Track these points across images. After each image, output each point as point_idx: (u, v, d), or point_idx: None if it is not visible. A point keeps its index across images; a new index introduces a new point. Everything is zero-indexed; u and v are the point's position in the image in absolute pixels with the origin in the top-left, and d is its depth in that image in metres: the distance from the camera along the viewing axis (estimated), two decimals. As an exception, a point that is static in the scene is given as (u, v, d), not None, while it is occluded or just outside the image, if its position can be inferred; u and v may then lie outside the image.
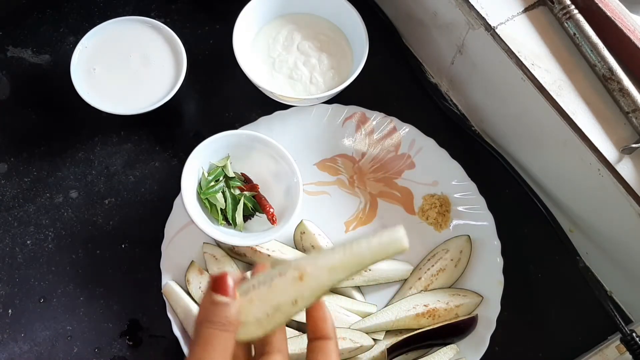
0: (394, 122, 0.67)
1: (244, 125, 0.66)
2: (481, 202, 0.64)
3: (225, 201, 0.61)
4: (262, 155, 0.63)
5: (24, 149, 0.68)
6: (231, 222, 0.61)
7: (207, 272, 0.61)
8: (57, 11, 0.75)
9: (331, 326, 0.41)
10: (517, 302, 0.62)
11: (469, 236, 0.63)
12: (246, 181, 0.64)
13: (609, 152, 0.52)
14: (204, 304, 0.38)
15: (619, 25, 0.54)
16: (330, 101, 0.67)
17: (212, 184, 0.61)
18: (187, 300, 0.59)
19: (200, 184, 0.62)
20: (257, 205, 0.62)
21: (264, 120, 0.67)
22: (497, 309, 0.60)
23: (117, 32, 0.67)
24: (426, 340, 0.59)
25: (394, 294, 0.62)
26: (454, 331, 0.59)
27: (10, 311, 0.61)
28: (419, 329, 0.59)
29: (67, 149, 0.68)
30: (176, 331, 0.58)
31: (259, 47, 0.69)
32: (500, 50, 0.57)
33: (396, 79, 0.73)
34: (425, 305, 0.60)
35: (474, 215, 0.64)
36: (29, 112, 0.70)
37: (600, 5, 0.54)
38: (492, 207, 0.64)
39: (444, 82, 0.73)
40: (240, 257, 0.62)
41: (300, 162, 0.62)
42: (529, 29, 0.57)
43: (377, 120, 0.68)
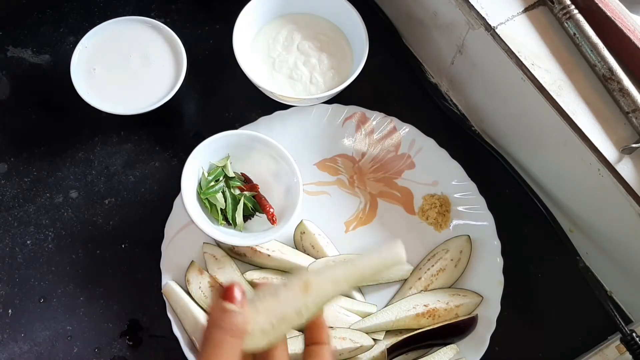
0: (394, 122, 0.67)
1: (244, 125, 0.66)
2: (481, 202, 0.64)
3: (225, 201, 0.61)
4: (262, 155, 0.63)
5: (24, 149, 0.68)
6: (231, 222, 0.61)
7: (207, 272, 0.61)
8: (57, 11, 0.75)
9: (326, 333, 0.43)
10: (517, 302, 0.62)
11: (469, 236, 0.63)
12: (246, 181, 0.64)
13: (609, 152, 0.52)
14: (214, 311, 0.40)
15: (619, 25, 0.54)
16: (330, 101, 0.67)
17: (212, 184, 0.61)
18: (187, 300, 0.59)
19: (200, 184, 0.62)
20: (257, 205, 0.62)
21: (264, 120, 0.67)
22: (497, 309, 0.60)
23: (117, 32, 0.67)
24: (426, 340, 0.59)
25: (394, 294, 0.62)
26: (454, 331, 0.59)
27: (10, 311, 0.61)
28: (419, 329, 0.59)
29: (67, 149, 0.68)
30: (176, 331, 0.58)
31: (259, 47, 0.69)
32: (500, 50, 0.57)
33: (396, 79, 0.73)
34: (425, 305, 0.60)
35: (474, 215, 0.64)
36: (29, 112, 0.70)
37: (600, 5, 0.54)
38: (492, 207, 0.64)
39: (444, 82, 0.73)
40: (240, 257, 0.62)
41: (300, 162, 0.62)
42: (529, 29, 0.57)
43: (377, 120, 0.68)
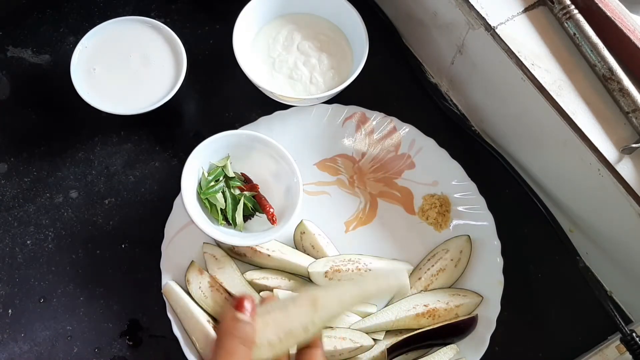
0: (394, 122, 0.67)
1: (244, 125, 0.66)
2: (481, 202, 0.64)
3: (225, 201, 0.61)
4: (262, 155, 0.63)
5: (24, 149, 0.68)
6: (231, 222, 0.61)
7: (207, 272, 0.61)
8: (57, 11, 0.75)
9: (319, 338, 0.47)
10: (517, 302, 0.62)
11: (469, 236, 0.63)
12: (246, 181, 0.64)
13: (609, 152, 0.52)
14: (226, 320, 0.44)
15: (619, 25, 0.54)
16: (330, 101, 0.67)
17: (212, 184, 0.61)
18: (187, 300, 0.59)
19: (200, 184, 0.62)
20: (257, 205, 0.62)
21: (264, 120, 0.67)
22: (497, 309, 0.60)
23: (117, 32, 0.67)
24: (426, 340, 0.59)
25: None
26: (454, 331, 0.59)
27: (10, 311, 0.61)
28: (419, 329, 0.59)
29: (67, 149, 0.68)
30: (176, 331, 0.58)
31: (259, 47, 0.69)
32: (500, 50, 0.57)
33: (396, 79, 0.73)
34: (425, 305, 0.60)
35: (474, 215, 0.64)
36: (29, 112, 0.70)
37: (600, 5, 0.54)
38: (492, 207, 0.64)
39: (444, 82, 0.73)
40: (240, 257, 0.62)
41: (300, 162, 0.62)
42: (529, 29, 0.57)
43: (377, 120, 0.68)
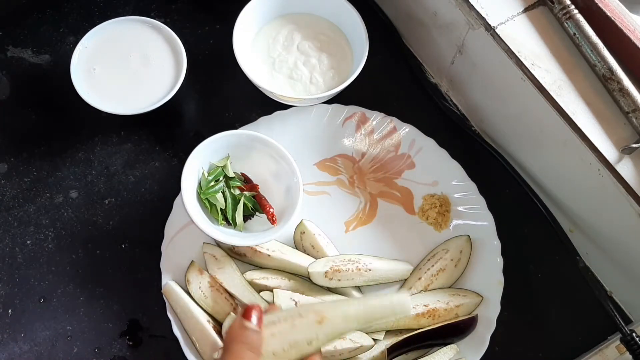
0: (394, 122, 0.67)
1: (244, 125, 0.66)
2: (481, 202, 0.64)
3: (225, 201, 0.61)
4: (262, 155, 0.63)
5: (24, 149, 0.68)
6: (231, 222, 0.61)
7: (207, 272, 0.61)
8: (57, 11, 0.75)
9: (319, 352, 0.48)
10: (517, 302, 0.62)
11: (469, 236, 0.63)
12: (246, 181, 0.64)
13: (609, 152, 0.52)
14: (234, 327, 0.46)
15: (619, 25, 0.54)
16: (330, 101, 0.67)
17: (212, 184, 0.61)
18: (187, 300, 0.59)
19: (200, 184, 0.62)
20: (257, 205, 0.62)
21: (264, 120, 0.67)
22: (497, 309, 0.60)
23: (117, 32, 0.67)
24: (426, 340, 0.59)
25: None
26: (454, 331, 0.59)
27: (10, 311, 0.61)
28: (419, 329, 0.59)
29: (67, 149, 0.68)
30: (176, 331, 0.58)
31: (259, 47, 0.69)
32: (500, 50, 0.57)
33: (396, 79, 0.73)
34: (425, 305, 0.60)
35: (474, 215, 0.64)
36: (29, 112, 0.70)
37: (600, 5, 0.54)
38: (492, 207, 0.64)
39: (444, 82, 0.73)
40: (240, 257, 0.62)
41: (300, 162, 0.62)
42: (529, 29, 0.57)
43: (377, 120, 0.68)
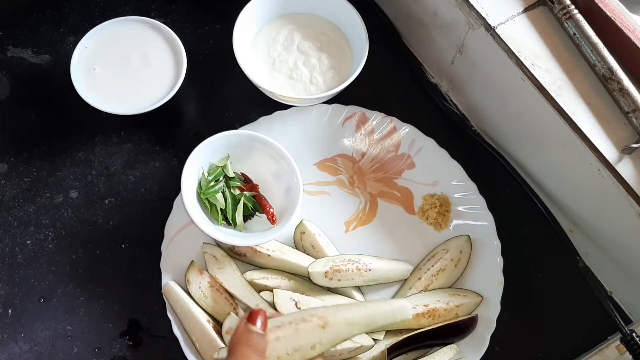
0: (394, 122, 0.67)
1: (244, 125, 0.66)
2: (481, 202, 0.64)
3: (225, 201, 0.61)
4: (262, 155, 0.63)
5: (24, 149, 0.68)
6: (231, 222, 0.61)
7: (207, 272, 0.61)
8: (57, 11, 0.75)
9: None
10: (517, 302, 0.62)
11: (469, 236, 0.63)
12: (246, 181, 0.64)
13: (609, 152, 0.52)
14: (239, 330, 0.46)
15: (619, 25, 0.54)
16: (330, 101, 0.67)
17: (212, 184, 0.61)
18: (187, 300, 0.59)
19: (200, 184, 0.62)
20: (257, 205, 0.62)
21: (264, 120, 0.67)
22: (497, 309, 0.60)
23: (117, 32, 0.67)
24: (426, 340, 0.59)
25: (394, 294, 0.62)
26: (454, 331, 0.59)
27: (10, 311, 0.61)
28: (419, 329, 0.59)
29: (67, 149, 0.68)
30: (176, 331, 0.58)
31: (259, 47, 0.69)
32: (500, 50, 0.57)
33: (396, 79, 0.73)
34: (425, 305, 0.60)
35: (474, 215, 0.64)
36: (29, 112, 0.70)
37: (600, 5, 0.54)
38: (492, 207, 0.64)
39: (444, 82, 0.73)
40: (240, 257, 0.62)
41: (300, 162, 0.62)
42: (529, 29, 0.57)
43: (377, 120, 0.68)
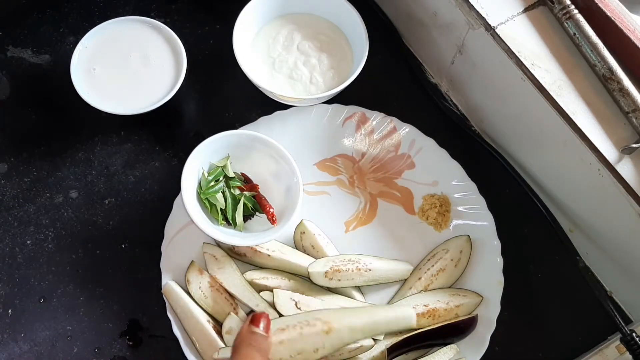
0: (394, 122, 0.67)
1: (244, 125, 0.66)
2: (481, 202, 0.64)
3: (225, 201, 0.61)
4: (262, 155, 0.63)
5: (24, 149, 0.68)
6: (231, 222, 0.61)
7: (207, 272, 0.61)
8: (57, 11, 0.75)
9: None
10: (517, 302, 0.62)
11: (469, 236, 0.63)
12: (246, 181, 0.64)
13: (609, 152, 0.52)
14: (243, 332, 0.48)
15: (619, 25, 0.54)
16: (330, 101, 0.67)
17: (212, 184, 0.61)
18: (187, 300, 0.59)
19: (200, 184, 0.62)
20: (257, 205, 0.62)
21: (264, 120, 0.67)
22: (497, 309, 0.60)
23: (117, 32, 0.67)
24: (426, 340, 0.59)
25: (394, 294, 0.62)
26: (454, 331, 0.59)
27: (10, 311, 0.61)
28: (419, 329, 0.59)
29: (67, 149, 0.68)
30: (176, 331, 0.58)
31: (259, 47, 0.69)
32: (500, 50, 0.57)
33: (396, 79, 0.73)
34: (425, 305, 0.60)
35: (474, 215, 0.64)
36: (29, 112, 0.70)
37: (600, 5, 0.54)
38: (492, 207, 0.64)
39: (444, 82, 0.73)
40: (240, 257, 0.62)
41: (300, 162, 0.62)
42: (529, 29, 0.57)
43: (377, 120, 0.68)
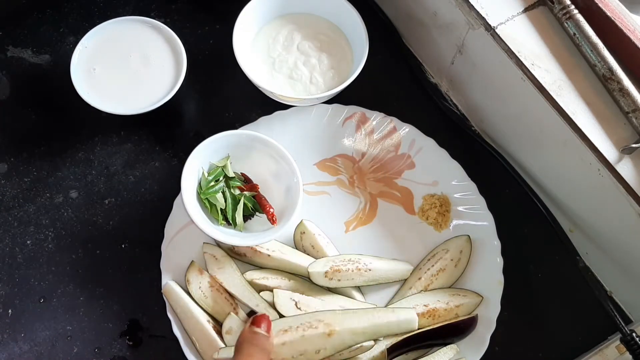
0: (394, 122, 0.67)
1: (244, 125, 0.66)
2: (481, 202, 0.64)
3: (225, 201, 0.61)
4: (262, 155, 0.63)
5: (24, 149, 0.68)
6: (231, 222, 0.61)
7: (207, 272, 0.61)
8: (57, 11, 0.75)
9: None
10: (517, 302, 0.62)
11: (469, 236, 0.63)
12: (246, 181, 0.64)
13: (609, 152, 0.52)
14: (244, 333, 0.49)
15: (619, 25, 0.54)
16: (330, 101, 0.67)
17: (212, 184, 0.61)
18: (187, 300, 0.59)
19: (200, 184, 0.62)
20: (257, 205, 0.62)
21: (264, 120, 0.67)
22: (497, 309, 0.60)
23: (117, 32, 0.67)
24: (426, 340, 0.59)
25: (394, 294, 0.62)
26: (454, 331, 0.59)
27: (10, 311, 0.61)
28: (419, 329, 0.59)
29: (67, 149, 0.68)
30: (176, 331, 0.58)
31: (259, 47, 0.69)
32: (500, 50, 0.57)
33: (396, 79, 0.73)
34: (425, 305, 0.60)
35: (474, 215, 0.64)
36: (29, 112, 0.70)
37: (600, 5, 0.54)
38: (492, 207, 0.64)
39: (444, 82, 0.73)
40: (240, 257, 0.62)
41: (300, 162, 0.62)
42: (529, 29, 0.57)
43: (377, 120, 0.68)
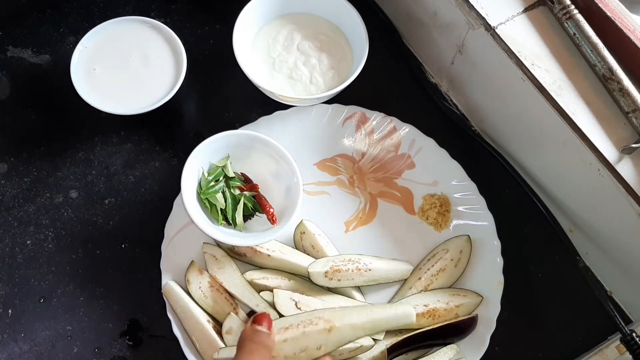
0: (394, 122, 0.67)
1: (244, 125, 0.66)
2: (481, 202, 0.64)
3: (225, 201, 0.61)
4: (262, 155, 0.63)
5: (24, 149, 0.68)
6: (231, 222, 0.61)
7: (207, 272, 0.61)
8: (57, 11, 0.75)
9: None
10: (517, 302, 0.62)
11: (469, 236, 0.63)
12: (246, 181, 0.64)
13: (609, 152, 0.52)
14: (246, 331, 0.50)
15: (619, 25, 0.54)
16: (330, 101, 0.67)
17: (212, 184, 0.61)
18: (187, 300, 0.59)
19: (200, 184, 0.62)
20: (257, 205, 0.62)
21: (264, 120, 0.67)
22: (497, 309, 0.60)
23: (117, 32, 0.67)
24: (426, 340, 0.59)
25: (394, 294, 0.62)
26: (454, 331, 0.59)
27: (10, 311, 0.61)
28: (419, 329, 0.59)
29: (67, 149, 0.68)
30: (176, 331, 0.58)
31: (259, 47, 0.69)
32: (500, 50, 0.57)
33: (396, 79, 0.73)
34: (425, 305, 0.60)
35: (474, 215, 0.64)
36: (29, 112, 0.70)
37: (600, 5, 0.54)
38: (492, 207, 0.64)
39: (444, 82, 0.73)
40: (240, 257, 0.62)
41: (300, 162, 0.62)
42: (529, 29, 0.57)
43: (377, 120, 0.68)
